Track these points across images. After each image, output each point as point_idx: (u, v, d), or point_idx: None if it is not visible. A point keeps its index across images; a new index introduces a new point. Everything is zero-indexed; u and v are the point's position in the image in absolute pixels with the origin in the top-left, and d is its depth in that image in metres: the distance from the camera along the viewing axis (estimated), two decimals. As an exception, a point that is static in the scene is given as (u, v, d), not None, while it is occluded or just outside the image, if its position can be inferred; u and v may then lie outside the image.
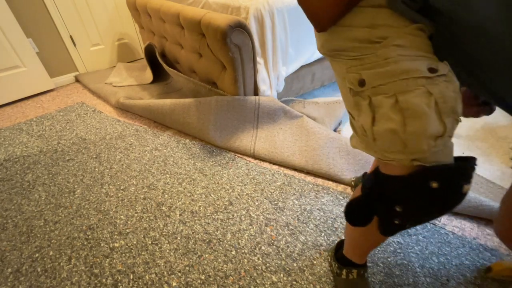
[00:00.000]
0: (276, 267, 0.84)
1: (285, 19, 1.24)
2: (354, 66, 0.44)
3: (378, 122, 0.41)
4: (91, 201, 1.08)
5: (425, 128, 0.37)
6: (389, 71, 0.39)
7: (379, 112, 0.41)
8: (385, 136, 0.41)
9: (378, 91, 0.41)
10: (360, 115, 0.44)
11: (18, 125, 1.60)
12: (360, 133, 0.46)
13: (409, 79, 0.38)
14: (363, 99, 0.43)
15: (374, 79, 0.41)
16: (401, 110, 0.38)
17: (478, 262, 0.84)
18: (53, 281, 0.82)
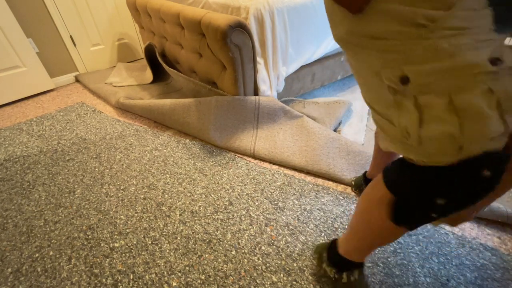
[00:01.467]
0: (276, 267, 0.84)
1: (285, 19, 1.24)
2: (394, 60, 0.36)
3: (427, 125, 0.35)
4: (91, 201, 1.08)
5: (486, 131, 0.33)
6: (441, 67, 0.33)
7: (428, 113, 0.35)
8: (438, 140, 0.35)
9: (426, 89, 0.35)
10: (401, 115, 0.38)
11: (18, 125, 1.60)
12: (401, 135, 0.40)
13: (468, 75, 0.32)
14: (407, 98, 0.36)
15: (421, 76, 0.34)
16: (456, 111, 0.33)
17: (478, 262, 0.84)
18: (53, 281, 0.82)
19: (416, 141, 0.37)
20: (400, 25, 0.34)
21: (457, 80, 0.33)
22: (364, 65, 0.43)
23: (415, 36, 0.34)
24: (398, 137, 0.40)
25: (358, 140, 1.36)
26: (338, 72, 1.77)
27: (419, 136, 0.37)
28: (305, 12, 1.30)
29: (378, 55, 0.38)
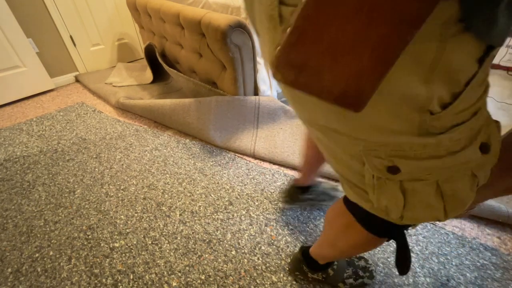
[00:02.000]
0: (276, 267, 0.84)
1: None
2: (383, 152, 0.32)
3: (413, 209, 0.35)
4: (91, 201, 1.08)
5: (467, 205, 0.35)
6: (439, 164, 0.31)
7: (415, 198, 0.34)
8: (420, 218, 0.36)
9: (416, 178, 0.33)
10: (382, 195, 0.36)
11: (18, 125, 1.60)
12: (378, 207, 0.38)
13: (462, 169, 0.32)
14: (392, 182, 0.34)
15: (415, 170, 0.32)
16: (443, 197, 0.33)
17: (478, 262, 0.84)
18: (53, 281, 0.82)
19: (398, 217, 0.37)
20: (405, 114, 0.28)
21: (450, 172, 0.32)
22: (340, 148, 0.37)
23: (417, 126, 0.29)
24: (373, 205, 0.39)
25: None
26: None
27: (401, 215, 0.36)
28: (305, 12, 1.30)
29: (361, 144, 0.33)
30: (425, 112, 0.28)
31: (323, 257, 0.70)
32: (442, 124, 0.29)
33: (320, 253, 0.69)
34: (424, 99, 0.27)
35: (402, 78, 0.26)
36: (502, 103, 1.70)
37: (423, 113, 0.28)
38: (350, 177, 0.39)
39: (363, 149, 0.33)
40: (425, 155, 0.30)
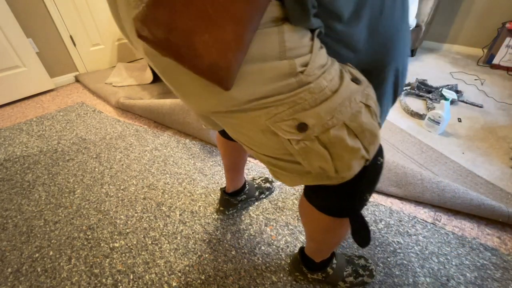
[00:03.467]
0: (276, 267, 0.84)
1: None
2: (282, 112, 0.34)
3: (339, 157, 0.38)
4: (91, 201, 1.08)
5: (379, 135, 0.41)
6: (332, 103, 0.35)
7: (336, 148, 0.37)
8: (352, 164, 0.39)
9: (326, 127, 0.35)
10: (311, 158, 0.38)
11: (18, 125, 1.60)
12: (316, 172, 0.40)
13: (351, 102, 0.36)
14: (311, 141, 0.36)
15: (318, 118, 0.35)
16: (355, 135, 0.37)
17: (478, 262, 0.84)
18: (53, 281, 0.82)
19: (333, 172, 0.39)
20: (280, 80, 0.33)
21: (347, 109, 0.36)
22: (248, 126, 0.38)
23: (297, 84, 0.33)
24: (309, 172, 0.41)
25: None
26: (338, 72, 1.77)
27: (335, 168, 0.39)
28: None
29: (263, 114, 0.35)
30: (297, 74, 0.33)
31: (314, 253, 0.71)
32: (313, 77, 0.34)
33: (311, 250, 0.71)
34: (288, 68, 0.32)
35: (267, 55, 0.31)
36: (502, 103, 1.70)
37: (296, 75, 0.33)
38: (276, 154, 0.41)
39: (266, 119, 0.35)
40: (317, 101, 0.34)
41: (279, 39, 0.30)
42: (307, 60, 0.33)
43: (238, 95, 0.33)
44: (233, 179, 0.92)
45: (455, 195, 0.97)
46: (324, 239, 0.62)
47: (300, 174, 0.42)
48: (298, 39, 0.32)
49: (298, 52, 0.32)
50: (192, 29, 0.26)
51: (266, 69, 0.31)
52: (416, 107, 1.68)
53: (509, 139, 1.38)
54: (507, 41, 2.06)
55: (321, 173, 0.40)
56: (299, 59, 0.32)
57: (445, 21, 2.50)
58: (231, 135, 0.44)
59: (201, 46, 0.26)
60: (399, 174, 1.05)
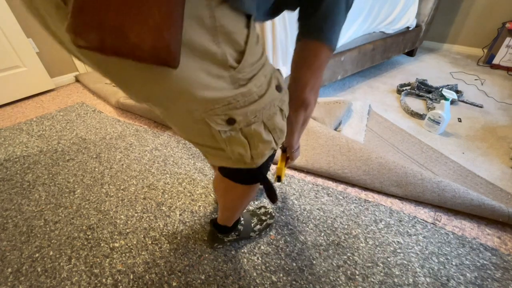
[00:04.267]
0: (275, 266, 0.84)
1: (285, 19, 1.24)
2: (217, 108, 0.39)
3: (255, 146, 0.47)
4: (91, 201, 1.08)
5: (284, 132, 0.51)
6: (258, 106, 0.42)
7: (253, 137, 0.45)
8: (265, 153, 0.49)
9: (249, 123, 0.43)
10: (234, 146, 0.46)
11: (18, 125, 1.60)
12: (235, 158, 0.48)
13: (271, 106, 0.44)
14: (236, 132, 0.44)
15: (246, 115, 0.42)
16: (270, 131, 0.47)
17: (478, 262, 0.84)
18: (53, 281, 0.82)
19: (249, 159, 0.48)
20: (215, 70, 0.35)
21: (268, 111, 0.44)
22: (185, 116, 0.41)
23: (231, 81, 0.37)
24: (230, 157, 0.48)
25: (358, 140, 1.36)
26: (338, 72, 1.77)
27: (251, 156, 0.48)
28: (305, 12, 1.30)
29: (197, 106, 0.38)
30: (228, 67, 0.36)
31: (227, 220, 0.80)
32: (244, 76, 0.38)
33: (225, 218, 0.79)
34: (221, 56, 0.34)
35: (199, 39, 0.32)
36: (502, 103, 1.70)
37: (227, 68, 0.36)
38: (206, 141, 0.47)
39: (202, 113, 0.40)
40: (247, 103, 0.41)
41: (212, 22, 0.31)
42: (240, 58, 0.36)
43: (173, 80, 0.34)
44: None
45: (456, 195, 0.97)
46: (238, 204, 0.71)
47: (222, 158, 0.50)
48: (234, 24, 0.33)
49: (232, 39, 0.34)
50: (121, 23, 0.26)
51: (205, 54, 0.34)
52: (416, 107, 1.68)
53: (509, 139, 1.38)
54: (507, 41, 2.06)
55: (239, 159, 0.48)
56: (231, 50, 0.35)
57: (445, 21, 2.50)
58: (164, 118, 0.47)
59: (135, 36, 0.27)
60: (399, 174, 1.05)
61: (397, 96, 1.82)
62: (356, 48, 1.79)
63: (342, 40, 1.59)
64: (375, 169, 1.08)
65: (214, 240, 0.87)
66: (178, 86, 0.35)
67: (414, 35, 2.18)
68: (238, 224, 0.85)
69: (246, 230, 0.88)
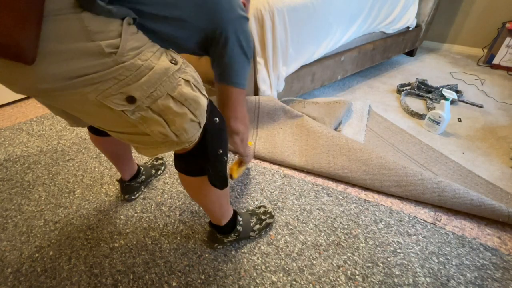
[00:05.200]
0: (275, 266, 0.84)
1: (285, 19, 1.24)
2: (109, 88, 0.40)
3: (172, 121, 0.47)
4: (91, 201, 1.08)
5: (203, 102, 0.51)
6: (151, 78, 0.42)
7: (166, 113, 0.46)
8: (186, 127, 0.49)
9: (154, 98, 0.44)
10: (151, 126, 0.46)
11: (18, 125, 1.60)
12: (161, 139, 0.49)
13: (169, 77, 0.44)
14: (145, 111, 0.44)
15: (142, 90, 0.42)
16: (180, 102, 0.47)
17: (478, 262, 0.84)
18: (53, 281, 0.82)
19: (174, 136, 0.49)
20: (93, 59, 0.37)
21: (167, 83, 0.44)
22: (82, 102, 0.42)
23: (113, 63, 0.38)
24: (159, 141, 0.49)
25: (358, 140, 1.36)
26: (338, 72, 1.77)
27: (174, 133, 0.48)
28: (305, 12, 1.30)
29: (91, 90, 0.39)
30: (109, 54, 0.38)
31: (216, 219, 0.81)
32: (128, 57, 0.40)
33: (212, 218, 0.82)
34: (99, 49, 0.37)
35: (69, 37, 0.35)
36: (502, 103, 1.70)
37: (109, 55, 0.38)
38: (124, 127, 0.48)
39: (96, 95, 0.40)
40: (137, 77, 0.41)
41: (80, 24, 0.35)
42: (118, 43, 0.38)
43: (55, 70, 0.36)
44: (126, 168, 1.01)
45: (456, 195, 0.97)
46: (206, 199, 0.71)
47: (154, 145, 0.51)
48: (102, 25, 0.37)
49: (104, 36, 0.37)
50: None
51: (74, 48, 0.36)
52: (416, 107, 1.68)
53: (509, 139, 1.38)
54: (507, 41, 2.06)
55: (166, 140, 0.49)
56: (106, 41, 0.37)
57: (445, 21, 2.50)
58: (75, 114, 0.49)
59: None
60: (399, 174, 1.05)
61: (397, 96, 1.82)
62: (356, 48, 1.79)
63: (342, 40, 1.59)
64: (375, 169, 1.08)
65: (214, 241, 0.87)
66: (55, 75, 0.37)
67: (414, 35, 2.18)
68: (237, 225, 0.85)
69: (246, 230, 0.88)
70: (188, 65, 0.50)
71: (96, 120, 0.48)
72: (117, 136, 0.52)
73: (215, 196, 0.71)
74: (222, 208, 0.78)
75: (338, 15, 1.47)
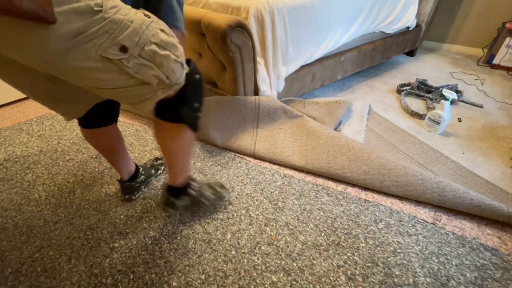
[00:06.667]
0: (275, 267, 0.84)
1: (285, 19, 1.24)
2: (104, 41, 0.48)
3: (162, 64, 0.55)
4: (91, 201, 1.08)
5: (180, 47, 0.59)
6: (134, 28, 0.50)
7: (154, 57, 0.54)
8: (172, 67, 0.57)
9: (142, 45, 0.52)
10: (146, 71, 0.54)
11: (18, 125, 1.60)
12: (156, 84, 0.57)
13: (147, 27, 0.52)
14: (136, 58, 0.52)
15: (130, 40, 0.50)
16: (163, 47, 0.54)
17: (478, 262, 0.84)
18: (53, 281, 0.82)
19: (165, 78, 0.57)
20: (87, 18, 0.44)
21: (148, 31, 0.52)
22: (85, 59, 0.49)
23: (102, 19, 0.46)
24: (155, 87, 0.58)
25: (358, 140, 1.36)
26: (338, 72, 1.77)
27: (165, 75, 0.56)
28: (305, 12, 1.30)
29: (91, 46, 0.47)
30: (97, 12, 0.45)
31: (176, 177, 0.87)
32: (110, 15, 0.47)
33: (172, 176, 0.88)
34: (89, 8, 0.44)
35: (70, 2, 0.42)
36: (502, 103, 1.70)
37: (97, 13, 0.45)
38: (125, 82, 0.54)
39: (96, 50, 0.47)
40: (124, 29, 0.48)
41: None
42: (100, 3, 0.46)
43: (63, 30, 0.43)
44: (122, 164, 1.02)
45: (456, 195, 0.97)
46: (174, 144, 0.78)
47: (151, 94, 0.59)
48: None
49: None
50: None
51: (72, 9, 0.43)
52: (416, 107, 1.68)
53: (509, 139, 1.38)
54: (507, 41, 2.06)
55: (162, 83, 0.57)
56: (92, 1, 0.45)
57: (445, 21, 2.50)
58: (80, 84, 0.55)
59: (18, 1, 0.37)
60: (399, 174, 1.05)
61: (397, 96, 1.82)
62: (356, 48, 1.79)
63: (342, 40, 1.59)
64: (375, 169, 1.08)
65: (168, 205, 0.92)
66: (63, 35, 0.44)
67: (414, 35, 2.18)
68: (191, 190, 0.92)
69: (199, 197, 0.94)
70: (158, 19, 0.58)
71: (99, 81, 0.54)
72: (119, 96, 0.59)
73: (184, 144, 0.80)
74: (183, 162, 0.86)
75: (338, 15, 1.47)
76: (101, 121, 0.87)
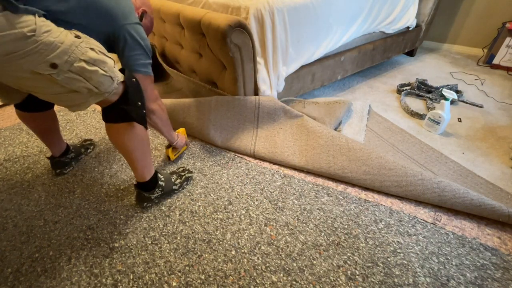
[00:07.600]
0: (275, 266, 0.84)
1: (285, 19, 1.24)
2: (36, 59, 0.57)
3: (90, 78, 0.65)
4: (91, 201, 1.08)
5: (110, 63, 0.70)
6: (63, 49, 0.59)
7: (84, 72, 0.63)
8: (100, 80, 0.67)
9: (69, 63, 0.60)
10: (76, 83, 0.63)
11: (18, 125, 1.60)
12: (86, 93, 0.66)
13: (77, 47, 0.62)
14: (66, 73, 0.61)
15: (60, 58, 0.59)
16: (91, 63, 0.64)
17: (478, 262, 0.84)
18: (53, 281, 0.82)
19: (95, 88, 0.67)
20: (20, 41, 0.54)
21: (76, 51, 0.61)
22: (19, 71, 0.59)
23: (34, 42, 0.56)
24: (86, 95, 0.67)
25: (358, 140, 1.36)
26: (338, 72, 1.77)
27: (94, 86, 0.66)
28: (305, 12, 1.30)
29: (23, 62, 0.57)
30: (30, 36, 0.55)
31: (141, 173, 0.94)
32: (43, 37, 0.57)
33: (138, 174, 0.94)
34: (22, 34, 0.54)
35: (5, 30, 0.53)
36: (502, 103, 1.70)
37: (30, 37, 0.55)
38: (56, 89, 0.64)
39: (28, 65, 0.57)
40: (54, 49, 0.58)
41: (6, 19, 0.52)
42: (34, 28, 0.55)
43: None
44: (55, 143, 1.14)
45: (456, 195, 0.97)
46: (130, 144, 0.85)
47: (84, 99, 0.68)
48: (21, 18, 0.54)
49: (24, 25, 0.54)
50: None
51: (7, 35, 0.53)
52: (416, 107, 1.68)
53: (509, 139, 1.38)
54: (507, 41, 2.06)
55: (91, 92, 0.67)
56: (26, 28, 0.54)
57: (445, 21, 2.50)
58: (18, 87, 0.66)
59: None
60: (399, 173, 1.05)
61: (397, 96, 1.82)
62: (356, 48, 1.79)
63: (342, 40, 1.59)
64: (375, 169, 1.08)
65: (142, 200, 1.00)
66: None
67: (414, 35, 2.18)
68: (159, 181, 1.00)
69: (168, 185, 1.03)
70: (90, 39, 0.67)
71: (33, 87, 0.64)
72: (52, 99, 0.69)
73: (138, 140, 0.86)
74: (145, 159, 0.92)
75: (338, 15, 1.47)
76: (39, 106, 0.98)
